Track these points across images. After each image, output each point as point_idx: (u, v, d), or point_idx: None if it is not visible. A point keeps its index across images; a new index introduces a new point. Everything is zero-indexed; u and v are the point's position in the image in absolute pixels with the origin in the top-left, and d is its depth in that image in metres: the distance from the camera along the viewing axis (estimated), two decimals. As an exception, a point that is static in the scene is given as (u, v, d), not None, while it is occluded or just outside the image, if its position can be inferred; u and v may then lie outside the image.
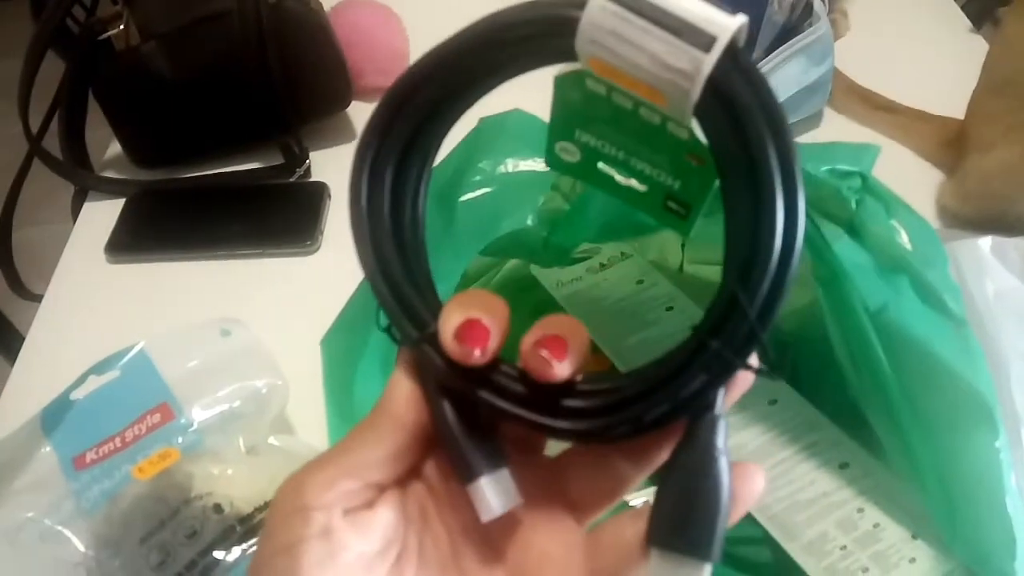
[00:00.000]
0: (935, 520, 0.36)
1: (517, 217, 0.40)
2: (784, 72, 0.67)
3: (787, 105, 0.69)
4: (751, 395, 0.41)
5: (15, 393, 0.57)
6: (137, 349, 0.49)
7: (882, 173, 0.36)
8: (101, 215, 0.68)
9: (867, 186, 0.36)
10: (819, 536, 0.37)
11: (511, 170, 0.39)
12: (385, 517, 0.23)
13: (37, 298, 0.65)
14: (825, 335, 0.40)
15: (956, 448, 0.34)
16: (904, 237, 0.35)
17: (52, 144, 0.70)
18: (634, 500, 0.41)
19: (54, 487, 0.43)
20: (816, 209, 0.36)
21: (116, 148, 0.74)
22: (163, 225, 0.68)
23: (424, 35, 0.25)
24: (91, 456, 0.44)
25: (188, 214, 0.69)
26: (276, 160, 0.71)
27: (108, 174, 0.73)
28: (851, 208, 0.36)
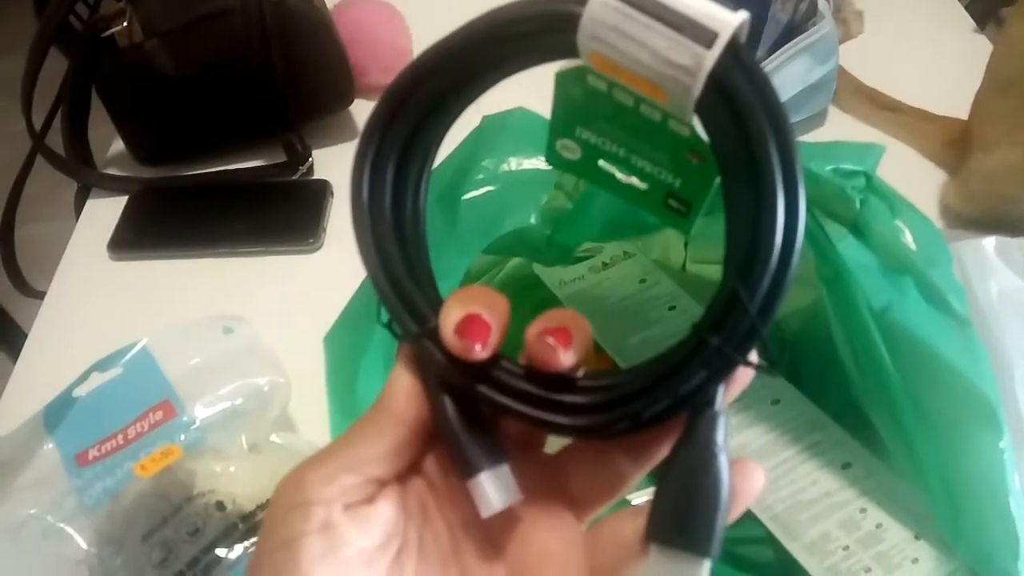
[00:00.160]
0: (938, 520, 0.35)
1: (520, 216, 0.40)
2: (788, 71, 0.67)
3: (791, 104, 0.69)
4: (754, 395, 0.41)
5: (18, 390, 0.57)
6: (140, 346, 0.49)
7: (886, 173, 0.36)
8: (104, 212, 0.68)
9: (871, 186, 0.36)
10: (821, 536, 0.37)
11: (514, 168, 0.39)
12: (385, 512, 0.23)
13: (40, 295, 0.65)
14: (828, 335, 0.39)
15: (959, 448, 0.34)
16: (908, 237, 0.35)
17: (55, 141, 0.70)
18: (636, 499, 0.41)
19: (56, 484, 0.43)
20: (820, 208, 0.36)
21: (119, 145, 0.74)
22: (166, 222, 0.68)
23: (427, 32, 0.25)
24: (93, 453, 0.44)
25: (191, 211, 0.69)
26: (279, 158, 0.72)
27: (111, 171, 0.73)
28: (855, 208, 0.36)
